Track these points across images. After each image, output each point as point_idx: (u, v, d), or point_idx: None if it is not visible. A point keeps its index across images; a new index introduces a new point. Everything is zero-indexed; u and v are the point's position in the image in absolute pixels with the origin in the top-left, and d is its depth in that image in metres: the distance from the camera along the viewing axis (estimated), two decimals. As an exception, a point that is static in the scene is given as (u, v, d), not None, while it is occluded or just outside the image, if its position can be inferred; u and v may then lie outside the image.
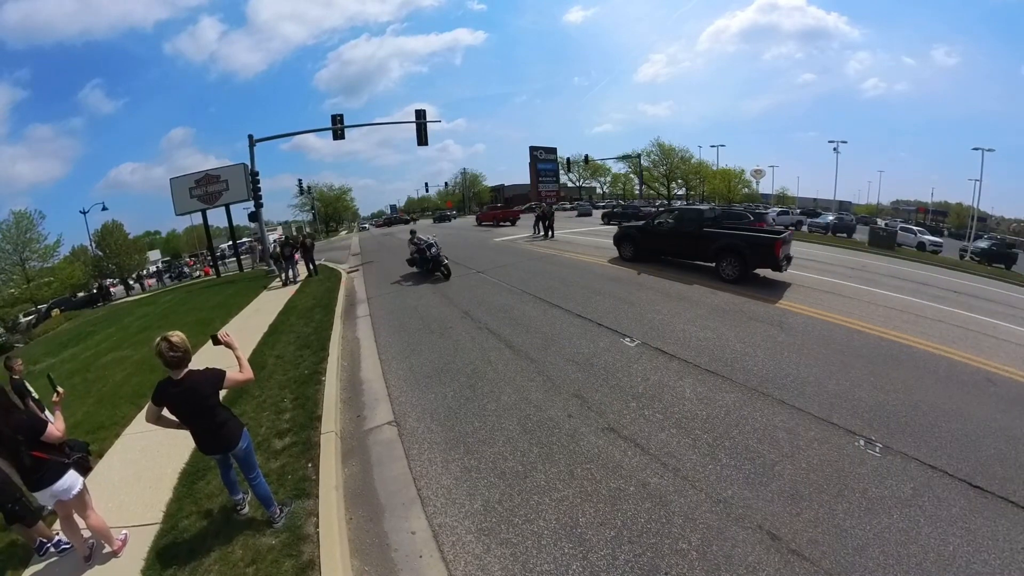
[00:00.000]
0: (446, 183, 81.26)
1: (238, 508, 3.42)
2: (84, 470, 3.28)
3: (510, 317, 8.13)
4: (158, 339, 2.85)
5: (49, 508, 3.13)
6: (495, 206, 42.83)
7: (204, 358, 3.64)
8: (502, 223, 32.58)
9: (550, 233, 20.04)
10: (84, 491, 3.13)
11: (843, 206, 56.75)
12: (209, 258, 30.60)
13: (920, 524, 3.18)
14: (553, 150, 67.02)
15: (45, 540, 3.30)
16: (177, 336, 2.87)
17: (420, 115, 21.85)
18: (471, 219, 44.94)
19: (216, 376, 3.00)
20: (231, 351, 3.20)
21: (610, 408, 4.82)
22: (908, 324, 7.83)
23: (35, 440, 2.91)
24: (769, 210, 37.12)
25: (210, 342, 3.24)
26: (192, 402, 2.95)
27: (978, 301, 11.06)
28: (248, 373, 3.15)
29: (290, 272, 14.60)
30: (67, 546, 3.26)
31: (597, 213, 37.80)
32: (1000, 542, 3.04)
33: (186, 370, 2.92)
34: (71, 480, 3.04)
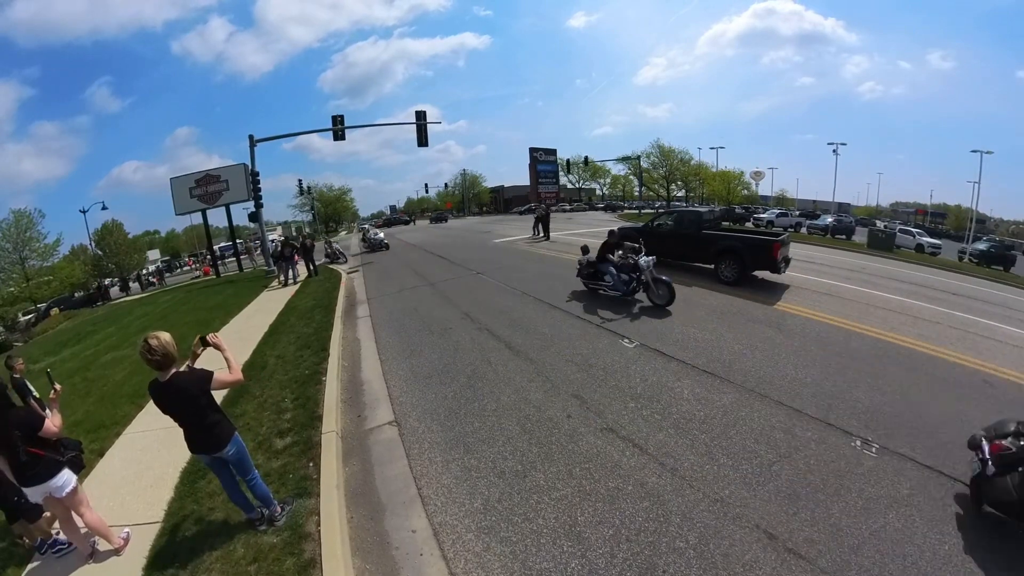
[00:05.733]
0: (446, 184, 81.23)
1: (257, 524, 3.33)
2: (77, 469, 3.30)
3: (510, 318, 8.16)
4: (140, 341, 2.83)
5: (39, 502, 3.14)
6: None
7: (202, 359, 3.63)
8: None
9: (548, 235, 20.09)
10: (77, 489, 3.14)
11: (842, 208, 56.79)
12: (209, 258, 30.59)
13: (916, 524, 3.21)
14: (553, 151, 67.05)
15: (44, 539, 3.31)
16: (156, 340, 2.80)
17: (420, 116, 21.90)
18: (470, 220, 50.35)
19: (203, 377, 2.98)
20: (220, 352, 3.16)
21: (609, 408, 4.85)
22: (906, 326, 7.87)
23: (32, 436, 2.93)
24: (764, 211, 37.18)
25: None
26: (180, 403, 2.95)
27: (976, 303, 11.10)
28: (237, 375, 3.13)
29: (290, 272, 14.63)
30: (63, 546, 3.26)
31: (599, 214, 37.89)
32: (996, 542, 3.07)
33: (172, 371, 2.92)
34: (65, 478, 3.05)
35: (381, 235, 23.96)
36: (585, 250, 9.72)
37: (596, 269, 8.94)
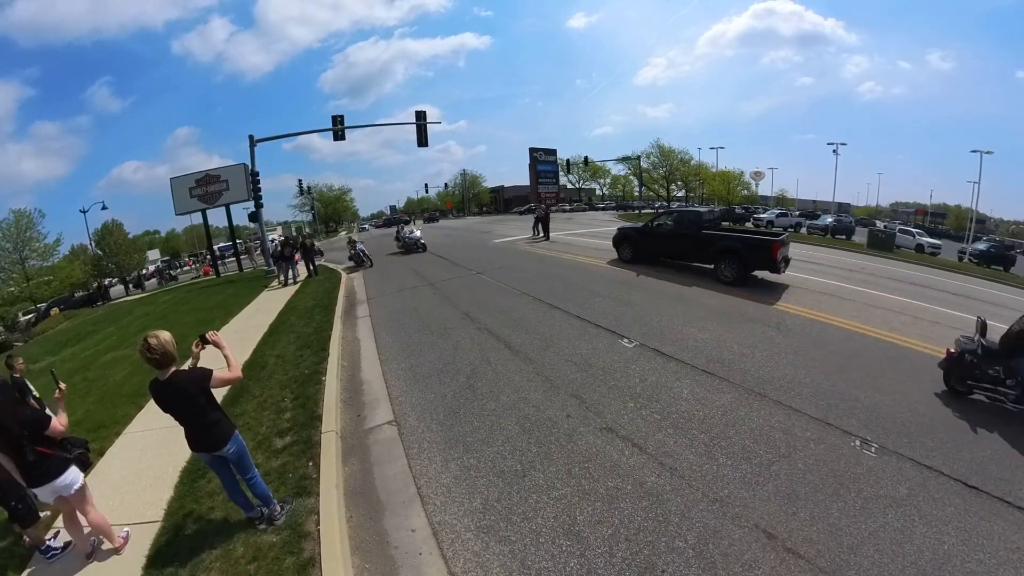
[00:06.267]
0: (446, 184, 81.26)
1: (257, 523, 3.34)
2: (84, 466, 3.30)
3: (509, 318, 8.16)
4: (140, 339, 2.84)
5: (50, 502, 3.15)
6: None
7: (202, 358, 3.63)
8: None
9: (548, 235, 20.11)
10: (85, 487, 3.15)
11: (842, 208, 56.80)
12: (209, 258, 30.60)
13: (915, 523, 3.21)
14: (553, 151, 67.01)
15: (37, 544, 3.29)
16: (155, 339, 2.81)
17: (420, 116, 21.89)
18: (470, 220, 50.46)
19: (203, 375, 2.98)
20: (220, 350, 3.16)
21: (608, 408, 4.85)
22: (906, 326, 7.87)
23: (38, 435, 2.93)
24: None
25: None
26: (180, 401, 2.96)
27: (976, 303, 11.09)
28: (236, 372, 3.14)
29: (290, 272, 14.63)
30: (56, 551, 3.27)
31: (599, 214, 37.72)
32: (995, 541, 3.07)
33: (172, 370, 2.92)
34: (73, 476, 3.06)
35: (418, 233, 20.03)
36: (982, 328, 5.39)
37: (1003, 366, 4.92)
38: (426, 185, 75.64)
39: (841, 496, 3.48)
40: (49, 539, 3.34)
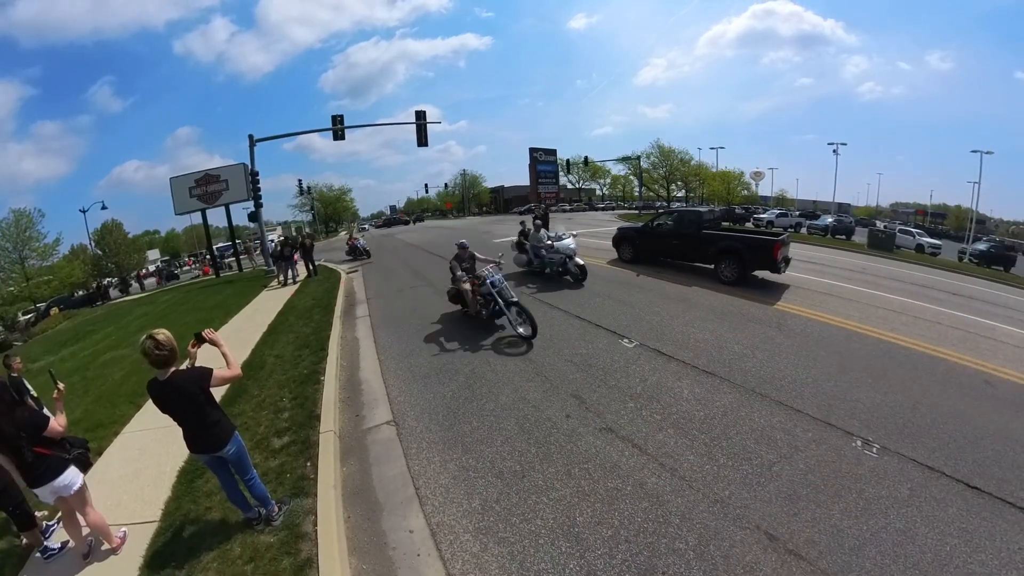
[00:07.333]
0: (446, 184, 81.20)
1: (255, 524, 3.31)
2: (84, 466, 3.29)
3: (509, 317, 8.11)
4: (144, 337, 2.80)
5: (50, 502, 3.13)
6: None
7: (200, 358, 3.61)
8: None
9: None
10: (84, 488, 3.13)
11: (842, 208, 56.75)
12: (208, 258, 30.61)
13: (917, 524, 3.19)
14: (553, 151, 66.73)
15: (35, 544, 3.29)
16: (163, 334, 2.80)
17: (420, 116, 21.89)
18: (471, 220, 50.41)
19: (202, 374, 2.96)
20: (217, 348, 3.14)
21: (608, 408, 4.83)
22: (906, 326, 7.85)
23: (37, 436, 2.92)
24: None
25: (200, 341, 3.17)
26: (180, 401, 2.92)
27: (976, 303, 11.09)
28: (235, 370, 3.12)
29: (289, 272, 14.60)
30: (54, 551, 3.26)
31: (599, 214, 37.72)
32: (997, 542, 3.06)
33: (172, 370, 2.89)
34: (72, 476, 3.04)
35: (568, 241, 10.75)
36: None
37: None
38: (426, 185, 75.74)
39: (843, 497, 3.45)
40: (46, 538, 3.32)
